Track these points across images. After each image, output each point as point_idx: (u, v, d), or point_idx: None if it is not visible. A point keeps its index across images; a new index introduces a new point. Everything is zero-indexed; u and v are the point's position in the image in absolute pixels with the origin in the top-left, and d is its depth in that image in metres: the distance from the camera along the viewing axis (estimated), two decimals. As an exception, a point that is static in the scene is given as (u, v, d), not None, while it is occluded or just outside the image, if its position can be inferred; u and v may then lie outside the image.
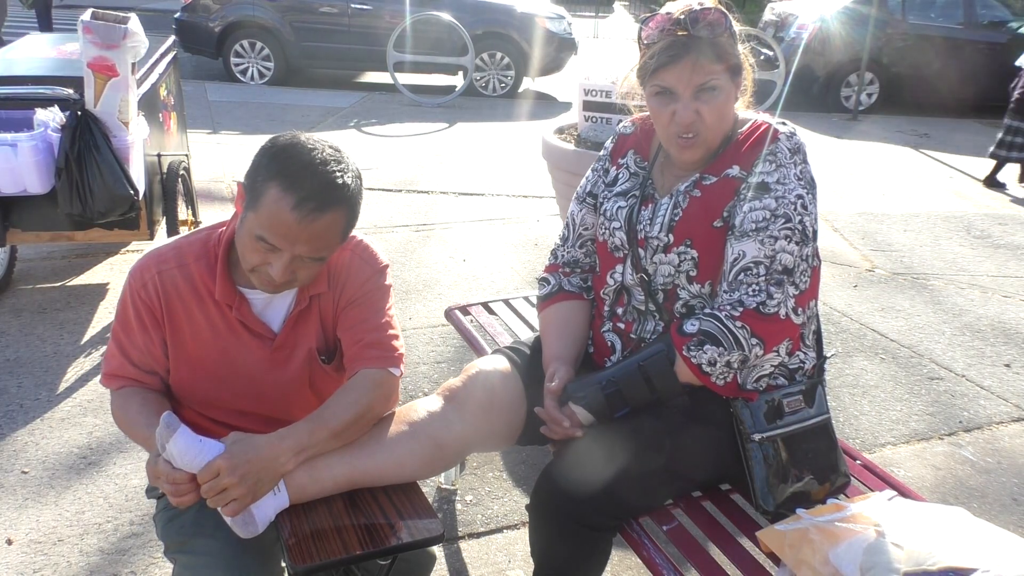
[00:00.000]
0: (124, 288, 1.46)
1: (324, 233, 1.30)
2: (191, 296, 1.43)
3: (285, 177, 1.26)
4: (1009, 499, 2.50)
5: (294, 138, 1.32)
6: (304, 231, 1.28)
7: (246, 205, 1.32)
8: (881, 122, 8.63)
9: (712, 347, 1.43)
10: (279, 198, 1.26)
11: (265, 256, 1.31)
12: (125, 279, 1.46)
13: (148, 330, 1.45)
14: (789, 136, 1.51)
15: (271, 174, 1.28)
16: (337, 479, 1.43)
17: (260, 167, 1.30)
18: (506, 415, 1.60)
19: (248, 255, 1.33)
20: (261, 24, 8.29)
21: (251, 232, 1.30)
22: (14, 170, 2.87)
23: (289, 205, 1.26)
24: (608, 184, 1.69)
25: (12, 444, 2.46)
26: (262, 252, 1.31)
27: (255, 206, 1.29)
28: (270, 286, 1.37)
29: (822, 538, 1.31)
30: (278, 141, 1.32)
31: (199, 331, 1.45)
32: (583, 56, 9.70)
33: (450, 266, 4.02)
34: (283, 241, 1.28)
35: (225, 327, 1.45)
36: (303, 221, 1.27)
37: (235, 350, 1.46)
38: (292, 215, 1.26)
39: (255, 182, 1.30)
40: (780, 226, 1.44)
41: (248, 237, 1.31)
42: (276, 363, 1.48)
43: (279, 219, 1.26)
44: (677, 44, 1.43)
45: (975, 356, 3.43)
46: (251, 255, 1.33)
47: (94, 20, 2.84)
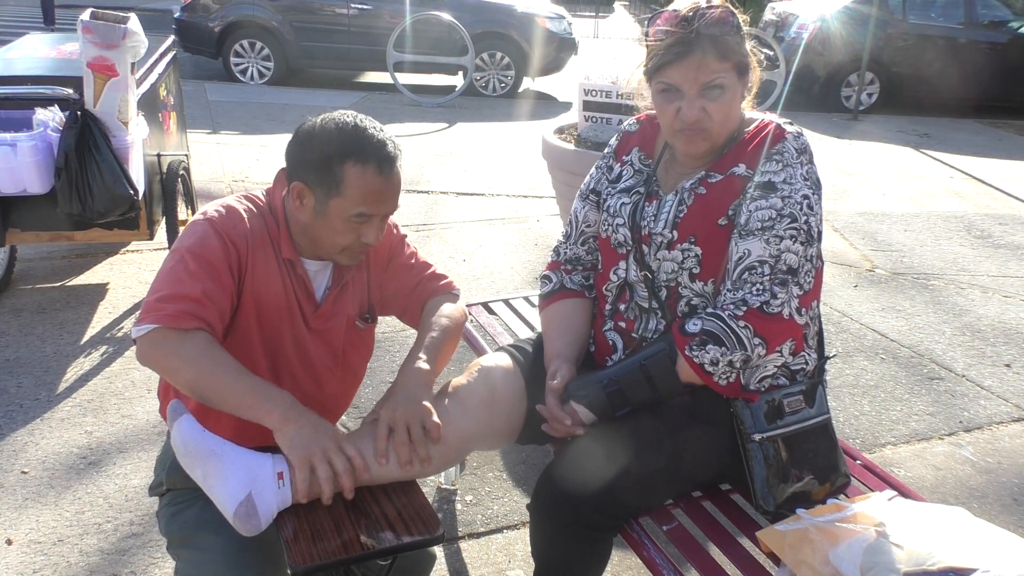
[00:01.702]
0: (204, 229, 1.40)
1: (399, 185, 1.46)
2: (267, 246, 1.46)
3: (356, 153, 1.38)
4: (1009, 499, 2.50)
5: (323, 121, 1.42)
6: (391, 188, 1.43)
7: (322, 196, 1.40)
8: (881, 122, 8.63)
9: (715, 347, 1.43)
10: (363, 170, 1.38)
11: (358, 230, 1.43)
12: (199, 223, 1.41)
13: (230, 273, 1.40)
14: (796, 136, 1.51)
15: (342, 157, 1.38)
16: (339, 477, 1.43)
17: (324, 160, 1.38)
18: (507, 412, 1.60)
19: (338, 238, 1.43)
20: (261, 24, 8.29)
21: (342, 215, 1.40)
22: (14, 170, 2.87)
23: (374, 171, 1.38)
24: (612, 181, 1.69)
25: (12, 444, 2.46)
26: (355, 228, 1.42)
27: (339, 191, 1.38)
28: (357, 256, 1.50)
29: (822, 538, 1.31)
30: (314, 130, 1.41)
31: (269, 282, 1.46)
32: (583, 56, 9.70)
33: (450, 266, 4.02)
34: (378, 206, 1.41)
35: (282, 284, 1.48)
36: (389, 180, 1.41)
37: (287, 308, 1.49)
38: (380, 178, 1.39)
39: (329, 172, 1.38)
40: (786, 226, 1.44)
41: (338, 221, 1.41)
42: (316, 331, 1.54)
43: (371, 187, 1.39)
44: (684, 41, 1.43)
45: (975, 356, 3.43)
46: (342, 237, 1.43)
47: (94, 20, 2.84)
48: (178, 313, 1.33)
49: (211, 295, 1.37)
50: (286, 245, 1.47)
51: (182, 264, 1.37)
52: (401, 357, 3.06)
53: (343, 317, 1.58)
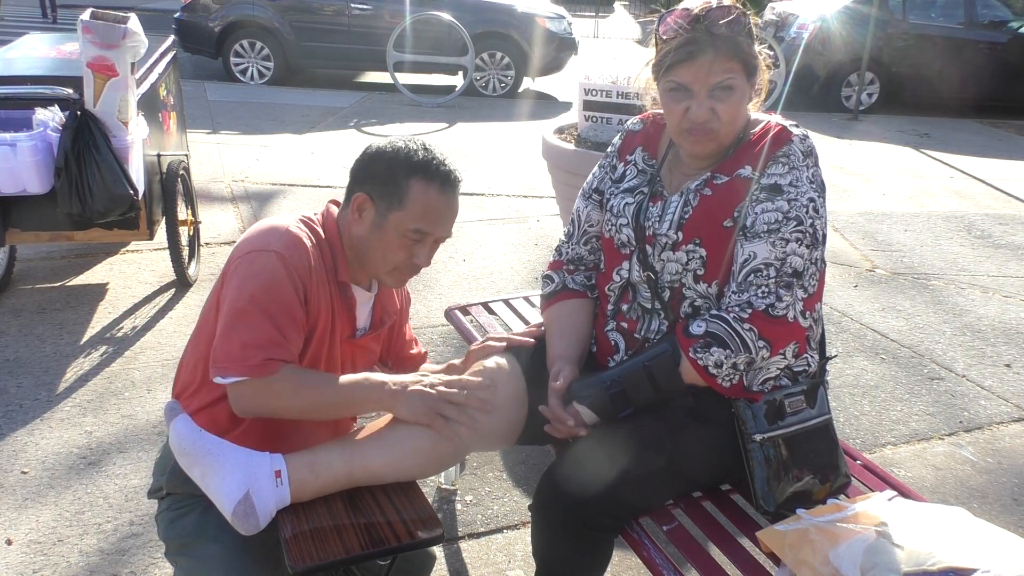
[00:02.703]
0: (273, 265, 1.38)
1: (457, 209, 1.50)
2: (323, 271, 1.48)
3: (422, 171, 1.44)
4: (1009, 499, 2.50)
5: (397, 141, 1.47)
6: (450, 210, 1.48)
7: (384, 209, 1.44)
8: (882, 122, 8.63)
9: (719, 349, 1.43)
10: (426, 187, 1.43)
11: (411, 249, 1.47)
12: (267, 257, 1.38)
13: (302, 308, 1.42)
14: (802, 139, 1.50)
15: (408, 172, 1.43)
16: (337, 475, 1.44)
17: (392, 174, 1.44)
18: (507, 413, 1.60)
19: (392, 255, 1.47)
20: (261, 24, 8.29)
21: (401, 229, 1.44)
22: (13, 170, 2.87)
23: (437, 190, 1.44)
24: (615, 180, 1.68)
25: (12, 444, 2.46)
26: (408, 246, 1.46)
27: (403, 203, 1.43)
28: (405, 278, 1.53)
29: (822, 538, 1.31)
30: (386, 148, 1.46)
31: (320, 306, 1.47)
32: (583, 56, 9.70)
33: (450, 266, 4.02)
34: (436, 225, 1.46)
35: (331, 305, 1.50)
36: (450, 202, 1.47)
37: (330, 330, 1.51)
38: (442, 198, 1.45)
39: (395, 185, 1.43)
40: (792, 229, 1.44)
41: (395, 236, 1.45)
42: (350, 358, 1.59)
43: (433, 205, 1.44)
44: (694, 41, 1.42)
45: (976, 356, 3.43)
46: (396, 253, 1.46)
47: (93, 20, 2.84)
48: (263, 362, 1.36)
49: (289, 334, 1.40)
50: (342, 268, 1.50)
51: (256, 305, 1.36)
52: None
53: (370, 357, 1.66)
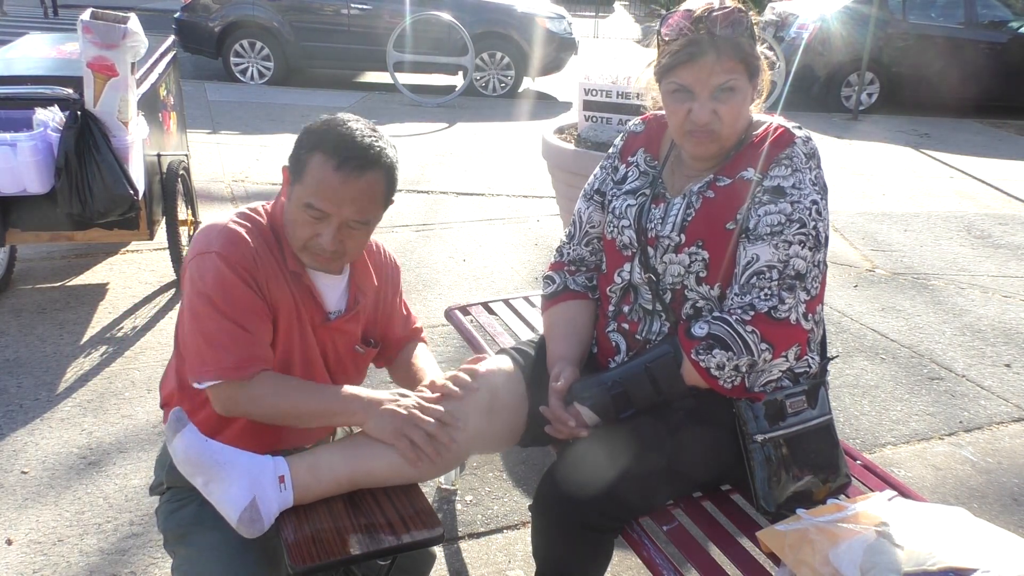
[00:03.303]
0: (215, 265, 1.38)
1: (366, 193, 1.40)
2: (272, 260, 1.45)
3: (327, 143, 1.38)
4: (1009, 499, 2.50)
5: (332, 116, 1.43)
6: (348, 190, 1.37)
7: (292, 183, 1.42)
8: (882, 122, 8.62)
9: (721, 351, 1.43)
10: (323, 162, 1.37)
11: (315, 227, 1.40)
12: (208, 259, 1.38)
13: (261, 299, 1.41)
14: (805, 141, 1.50)
15: (313, 145, 1.39)
16: (339, 479, 1.44)
17: (302, 143, 1.41)
18: (508, 416, 1.60)
19: (298, 230, 1.42)
20: (261, 24, 8.29)
21: (299, 202, 1.39)
22: (14, 170, 2.87)
23: (332, 166, 1.36)
24: (617, 182, 1.68)
25: (12, 444, 2.46)
26: (312, 223, 1.40)
27: (301, 178, 1.39)
28: (321, 260, 1.45)
29: (822, 538, 1.31)
30: (317, 121, 1.43)
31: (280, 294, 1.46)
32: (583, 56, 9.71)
33: (450, 266, 4.02)
34: (330, 204, 1.38)
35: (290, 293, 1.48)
36: (347, 180, 1.37)
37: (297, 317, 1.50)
38: (336, 175, 1.36)
39: (299, 157, 1.40)
40: (795, 231, 1.44)
41: (297, 209, 1.40)
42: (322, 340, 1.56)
43: (325, 181, 1.37)
44: (696, 43, 1.42)
45: (975, 356, 3.43)
46: (301, 229, 1.41)
47: (93, 20, 2.84)
48: (238, 363, 1.37)
49: (253, 327, 1.39)
50: (290, 256, 1.47)
51: (213, 307, 1.37)
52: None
53: (349, 338, 1.61)
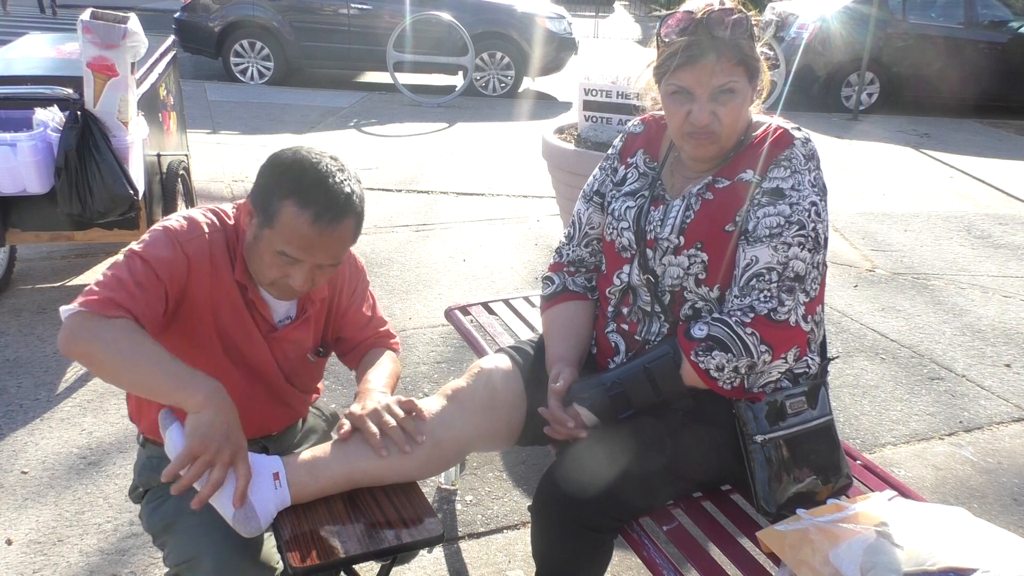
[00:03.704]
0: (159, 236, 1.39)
1: (340, 240, 1.38)
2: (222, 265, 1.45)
3: (299, 193, 1.34)
4: (1009, 499, 2.50)
5: (296, 153, 1.38)
6: (323, 241, 1.36)
7: (259, 224, 1.38)
8: (881, 122, 8.62)
9: (720, 353, 1.42)
10: (297, 214, 1.33)
11: (284, 269, 1.39)
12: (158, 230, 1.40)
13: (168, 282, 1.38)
14: (804, 142, 1.50)
15: (284, 192, 1.34)
16: (336, 478, 1.44)
17: (271, 187, 1.36)
18: (507, 415, 1.60)
19: (267, 271, 1.40)
20: (261, 24, 8.29)
21: (271, 248, 1.37)
22: (13, 170, 2.87)
23: (308, 220, 1.33)
24: (616, 183, 1.68)
25: (12, 444, 2.46)
26: (281, 266, 1.38)
27: (271, 224, 1.35)
28: (288, 295, 1.46)
29: (822, 538, 1.31)
30: (282, 158, 1.39)
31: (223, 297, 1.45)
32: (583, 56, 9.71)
33: (450, 266, 4.02)
34: (304, 253, 1.36)
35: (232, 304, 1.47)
36: (323, 233, 1.35)
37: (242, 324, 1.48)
38: (312, 229, 1.34)
39: (268, 202, 1.36)
40: (794, 233, 1.44)
41: (267, 254, 1.38)
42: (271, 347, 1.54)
43: (299, 234, 1.34)
44: (696, 45, 1.41)
45: (975, 356, 3.43)
46: (270, 270, 1.40)
47: (93, 20, 2.84)
48: (105, 300, 1.31)
49: (145, 294, 1.35)
50: (239, 267, 1.46)
51: (127, 263, 1.37)
52: (402, 357, 3.04)
53: (299, 347, 1.58)
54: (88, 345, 1.28)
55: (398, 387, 2.83)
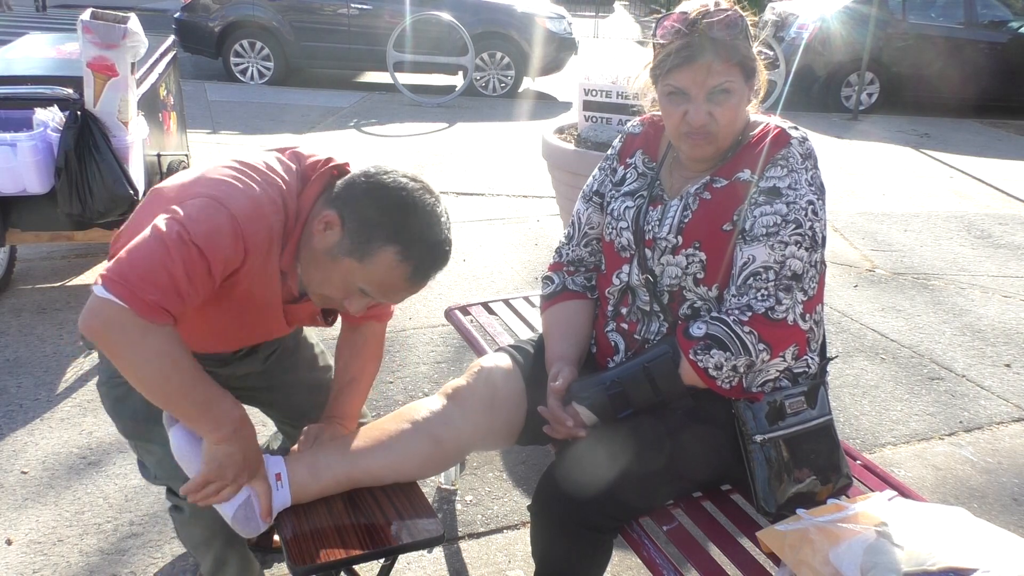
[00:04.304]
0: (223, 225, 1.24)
1: (421, 289, 1.36)
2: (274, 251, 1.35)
3: (403, 244, 1.28)
4: (1009, 499, 2.50)
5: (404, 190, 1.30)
6: (410, 291, 1.34)
7: (346, 250, 1.29)
8: (881, 122, 8.62)
9: (719, 351, 1.43)
10: (395, 265, 1.29)
11: (350, 296, 1.34)
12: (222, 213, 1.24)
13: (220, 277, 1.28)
14: (801, 141, 1.50)
15: (387, 236, 1.28)
16: (338, 477, 1.44)
17: (372, 222, 1.28)
18: (507, 413, 1.60)
19: (327, 287, 1.34)
20: (261, 24, 8.29)
21: (349, 279, 1.31)
22: (13, 170, 2.87)
23: (405, 274, 1.30)
24: (615, 184, 1.68)
25: (12, 444, 2.46)
26: (347, 294, 1.34)
27: (363, 260, 1.29)
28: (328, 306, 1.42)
29: (822, 538, 1.31)
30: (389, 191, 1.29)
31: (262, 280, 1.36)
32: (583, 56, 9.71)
33: (450, 266, 4.02)
34: (384, 296, 1.34)
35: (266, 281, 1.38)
36: (414, 286, 1.33)
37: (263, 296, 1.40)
38: (405, 282, 1.31)
39: (366, 237, 1.28)
40: (791, 232, 1.44)
41: (339, 279, 1.32)
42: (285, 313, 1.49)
43: (389, 282, 1.31)
44: (692, 45, 1.42)
45: (976, 356, 3.43)
46: (333, 291, 1.34)
47: (93, 20, 2.84)
48: (155, 306, 1.20)
49: (190, 299, 1.25)
50: (288, 256, 1.37)
51: (182, 253, 1.21)
52: (401, 357, 3.06)
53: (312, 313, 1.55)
54: (121, 347, 1.22)
55: (398, 389, 2.84)
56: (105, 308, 1.20)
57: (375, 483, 1.48)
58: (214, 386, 1.30)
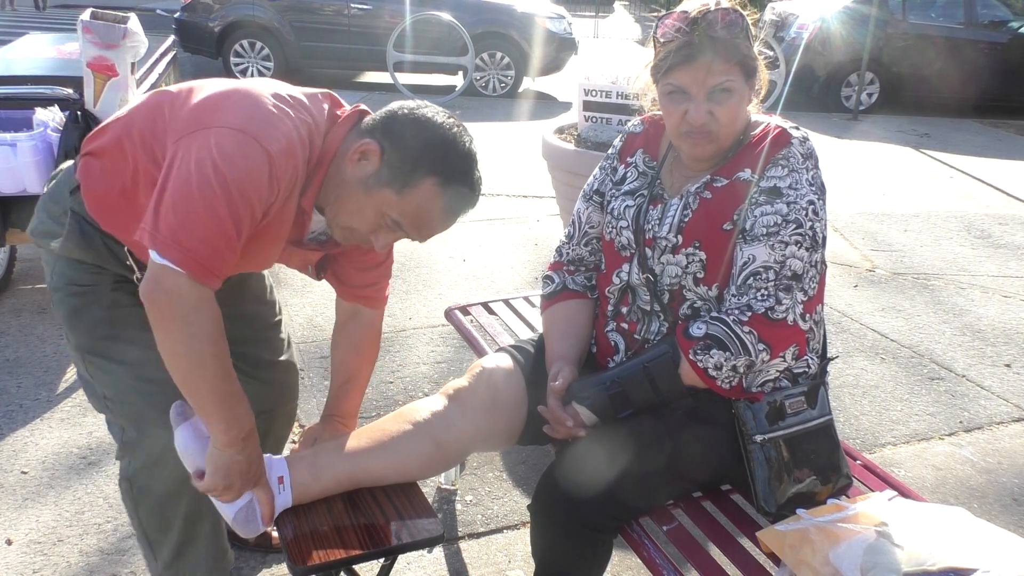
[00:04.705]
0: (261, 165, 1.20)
1: (449, 227, 1.37)
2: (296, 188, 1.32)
3: (445, 176, 1.29)
4: (1009, 499, 2.50)
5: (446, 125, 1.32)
6: (443, 225, 1.35)
7: (384, 180, 1.28)
8: (881, 122, 8.62)
9: (719, 351, 1.43)
10: (434, 196, 1.30)
11: (378, 230, 1.33)
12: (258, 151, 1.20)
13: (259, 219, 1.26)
14: (802, 141, 1.50)
15: (429, 168, 1.28)
16: (339, 478, 1.44)
17: (416, 154, 1.28)
18: (508, 415, 1.60)
19: (356, 219, 1.32)
20: (261, 24, 8.29)
21: (384, 210, 1.30)
22: (13, 170, 2.87)
23: (442, 206, 1.31)
24: (616, 183, 1.68)
25: (12, 444, 2.46)
26: (379, 226, 1.32)
27: (403, 190, 1.28)
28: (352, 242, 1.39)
29: (822, 538, 1.31)
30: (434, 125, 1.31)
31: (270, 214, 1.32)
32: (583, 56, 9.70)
33: (450, 266, 4.02)
34: (416, 230, 1.33)
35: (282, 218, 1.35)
36: (447, 220, 1.34)
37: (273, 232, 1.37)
38: (441, 214, 1.32)
39: (409, 168, 1.28)
40: (791, 231, 1.44)
41: (373, 211, 1.30)
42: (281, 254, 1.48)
43: (425, 213, 1.31)
44: (692, 44, 1.42)
45: (975, 356, 3.43)
46: (362, 224, 1.32)
47: (94, 20, 2.84)
48: (210, 270, 1.20)
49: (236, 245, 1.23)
50: (312, 192, 1.34)
51: (226, 197, 1.18)
52: (401, 358, 3.06)
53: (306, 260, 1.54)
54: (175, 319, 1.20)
55: (398, 389, 2.84)
56: (164, 275, 1.18)
57: (376, 483, 1.48)
58: (238, 386, 1.30)
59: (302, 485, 1.41)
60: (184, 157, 1.21)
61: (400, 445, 1.50)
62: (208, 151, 1.19)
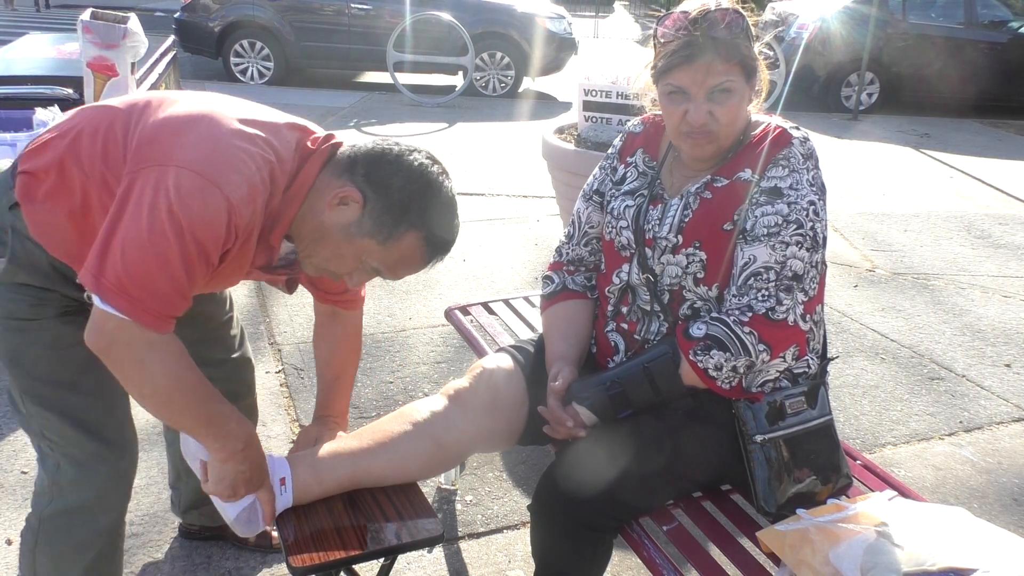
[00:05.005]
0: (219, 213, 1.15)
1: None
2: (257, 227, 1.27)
3: (429, 231, 1.30)
4: (1009, 499, 2.50)
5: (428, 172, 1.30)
6: (419, 271, 1.36)
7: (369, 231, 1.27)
8: (881, 122, 8.62)
9: (719, 352, 1.43)
10: (417, 249, 1.31)
11: (354, 270, 1.33)
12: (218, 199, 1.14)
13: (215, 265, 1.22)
14: (803, 141, 1.50)
15: (414, 222, 1.28)
16: (341, 479, 1.44)
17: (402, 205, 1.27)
18: (509, 415, 1.60)
19: (334, 264, 1.32)
20: (261, 24, 8.29)
21: (364, 258, 1.30)
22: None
23: (423, 258, 1.33)
24: (616, 183, 1.68)
25: (12, 444, 2.45)
26: (355, 267, 1.32)
27: (385, 242, 1.28)
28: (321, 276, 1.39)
29: (822, 538, 1.31)
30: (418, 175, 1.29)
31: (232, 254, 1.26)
32: (583, 56, 9.70)
33: (450, 266, 4.02)
34: (394, 274, 1.34)
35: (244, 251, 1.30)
36: (426, 267, 1.36)
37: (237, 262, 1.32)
38: (420, 264, 1.35)
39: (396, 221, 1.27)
40: (791, 232, 1.44)
41: (352, 257, 1.30)
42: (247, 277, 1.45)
43: (408, 264, 1.33)
44: (692, 44, 1.42)
45: (975, 356, 3.43)
46: (338, 265, 1.32)
47: (94, 20, 2.84)
48: (160, 316, 1.15)
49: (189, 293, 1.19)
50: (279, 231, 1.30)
51: (180, 243, 1.13)
52: (401, 358, 3.06)
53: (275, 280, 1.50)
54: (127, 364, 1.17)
55: (398, 389, 2.84)
56: (108, 323, 1.14)
57: (377, 484, 1.48)
58: (222, 404, 1.28)
59: (304, 486, 1.41)
60: (139, 194, 1.14)
61: (401, 445, 1.50)
62: (165, 193, 1.13)
